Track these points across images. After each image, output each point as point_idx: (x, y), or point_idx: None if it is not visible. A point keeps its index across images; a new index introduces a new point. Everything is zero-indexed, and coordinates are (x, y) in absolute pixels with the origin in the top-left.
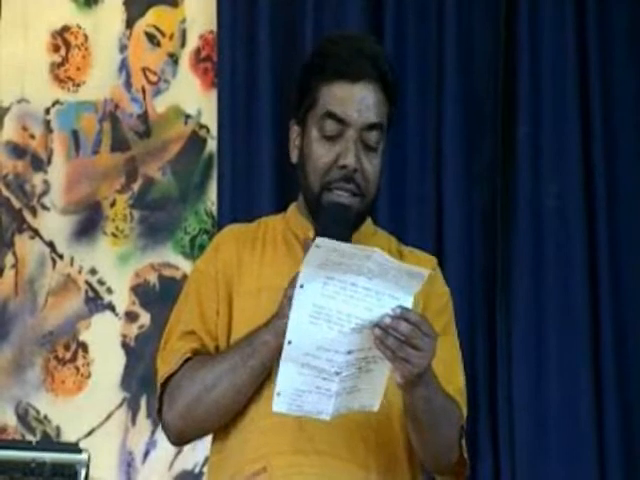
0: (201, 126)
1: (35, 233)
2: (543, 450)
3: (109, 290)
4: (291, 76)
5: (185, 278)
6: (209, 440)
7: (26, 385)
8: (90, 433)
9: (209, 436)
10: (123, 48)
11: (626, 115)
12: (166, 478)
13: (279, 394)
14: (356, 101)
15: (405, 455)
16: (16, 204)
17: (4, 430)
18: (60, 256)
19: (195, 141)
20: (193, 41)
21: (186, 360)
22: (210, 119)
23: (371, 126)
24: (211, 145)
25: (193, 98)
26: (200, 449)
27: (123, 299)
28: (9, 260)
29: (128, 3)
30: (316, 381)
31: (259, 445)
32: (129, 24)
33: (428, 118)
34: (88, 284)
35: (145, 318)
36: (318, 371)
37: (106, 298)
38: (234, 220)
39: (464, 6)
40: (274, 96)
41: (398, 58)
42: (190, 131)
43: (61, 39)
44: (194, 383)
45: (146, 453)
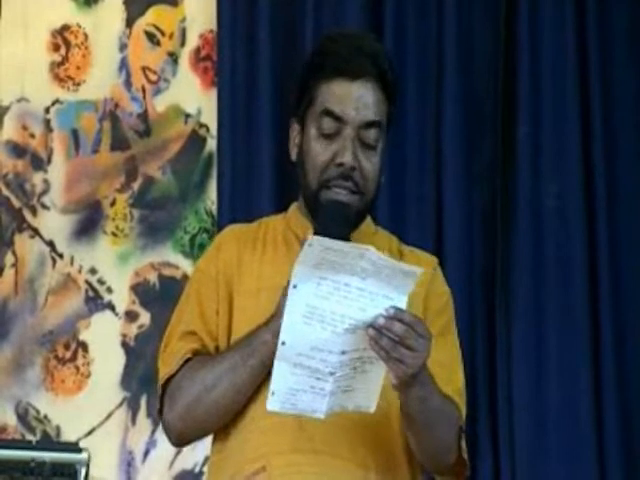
0: (201, 125)
1: (35, 232)
2: (543, 450)
3: (109, 289)
4: (291, 76)
5: (185, 277)
6: (209, 440)
7: (26, 384)
8: (90, 433)
9: (209, 436)
10: (123, 47)
11: (626, 115)
12: (166, 478)
13: (273, 393)
14: (354, 99)
15: (404, 455)
16: (16, 203)
17: (4, 430)
18: (60, 255)
19: (195, 140)
20: (193, 40)
21: (186, 361)
22: (210, 118)
23: (369, 124)
24: (211, 144)
25: (193, 97)
26: (200, 449)
27: (123, 298)
28: (9, 259)
29: (128, 2)
30: (310, 381)
31: (259, 445)
32: (129, 23)
33: (428, 118)
34: (88, 283)
35: (145, 317)
36: (312, 371)
37: (106, 297)
38: (234, 219)
39: (464, 6)
40: (274, 95)
41: (398, 57)
42: (190, 130)
43: (61, 38)
44: (194, 383)
45: (146, 452)
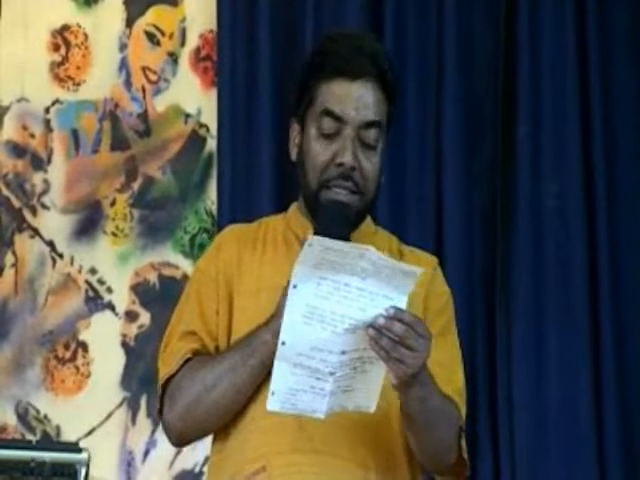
0: (201, 125)
1: (35, 232)
2: (543, 450)
3: (109, 289)
4: (291, 76)
5: (185, 277)
6: (209, 440)
7: (26, 384)
8: (90, 432)
9: (209, 436)
10: (123, 47)
11: (626, 115)
12: (166, 477)
13: (273, 393)
14: (354, 99)
15: (404, 455)
16: (16, 203)
17: (4, 429)
18: (60, 255)
19: (195, 140)
20: (193, 40)
21: (186, 361)
22: (210, 118)
23: (369, 124)
24: (211, 144)
25: (193, 97)
26: (200, 449)
27: (123, 298)
28: (9, 259)
29: (128, 2)
30: (310, 381)
31: (259, 445)
32: (129, 23)
33: (428, 118)
34: (88, 283)
35: (145, 317)
36: (312, 371)
37: (106, 297)
38: (234, 219)
39: (464, 6)
40: (274, 95)
41: (398, 57)
42: (190, 130)
43: (61, 38)
44: (194, 383)
45: (146, 452)
